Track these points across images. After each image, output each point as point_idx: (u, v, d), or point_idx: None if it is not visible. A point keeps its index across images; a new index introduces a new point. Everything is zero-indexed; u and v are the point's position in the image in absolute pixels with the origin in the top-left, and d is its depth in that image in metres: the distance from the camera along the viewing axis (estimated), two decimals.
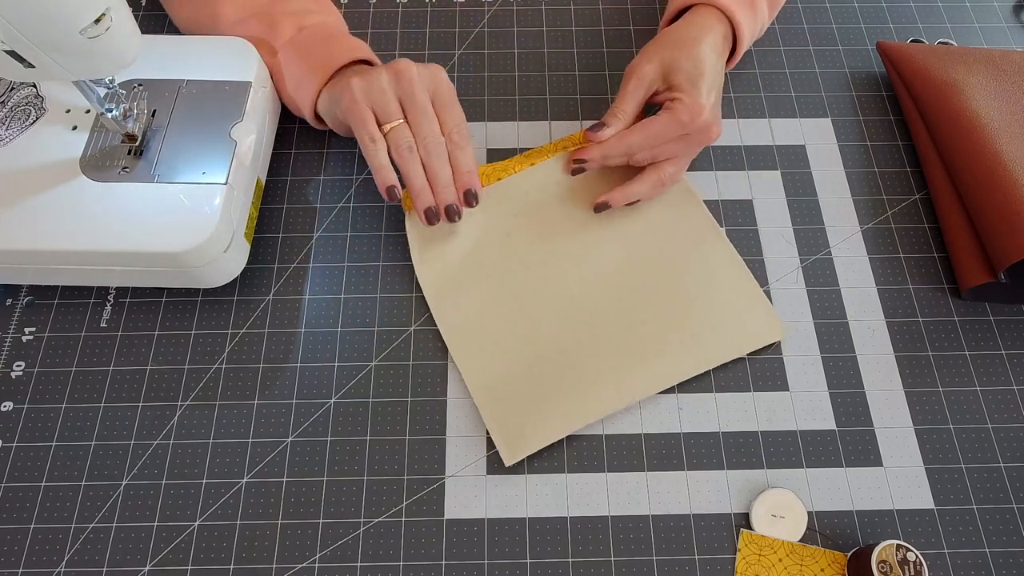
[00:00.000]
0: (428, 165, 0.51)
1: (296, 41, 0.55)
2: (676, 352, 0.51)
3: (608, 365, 0.51)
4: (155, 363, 0.52)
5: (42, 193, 0.48)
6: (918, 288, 0.55)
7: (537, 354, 0.51)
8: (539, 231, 0.56)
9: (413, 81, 0.51)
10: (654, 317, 0.52)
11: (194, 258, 0.48)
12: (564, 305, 0.53)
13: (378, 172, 0.51)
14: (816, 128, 0.62)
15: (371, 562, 0.46)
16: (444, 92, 0.52)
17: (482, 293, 0.53)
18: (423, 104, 0.51)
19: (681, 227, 0.56)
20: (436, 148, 0.51)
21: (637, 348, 0.51)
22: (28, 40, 0.39)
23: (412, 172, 0.51)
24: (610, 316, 0.52)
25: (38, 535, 0.46)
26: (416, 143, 0.51)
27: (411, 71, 0.51)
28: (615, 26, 0.67)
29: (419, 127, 0.51)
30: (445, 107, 0.52)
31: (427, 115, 0.51)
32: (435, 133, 0.51)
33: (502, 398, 0.50)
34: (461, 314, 0.53)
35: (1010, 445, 0.50)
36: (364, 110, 0.51)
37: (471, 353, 0.52)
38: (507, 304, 0.53)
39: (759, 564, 0.46)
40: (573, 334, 0.52)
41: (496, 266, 0.54)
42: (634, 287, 0.54)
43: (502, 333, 0.52)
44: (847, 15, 0.68)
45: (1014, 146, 0.54)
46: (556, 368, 0.51)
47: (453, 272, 0.54)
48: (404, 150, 0.50)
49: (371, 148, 0.50)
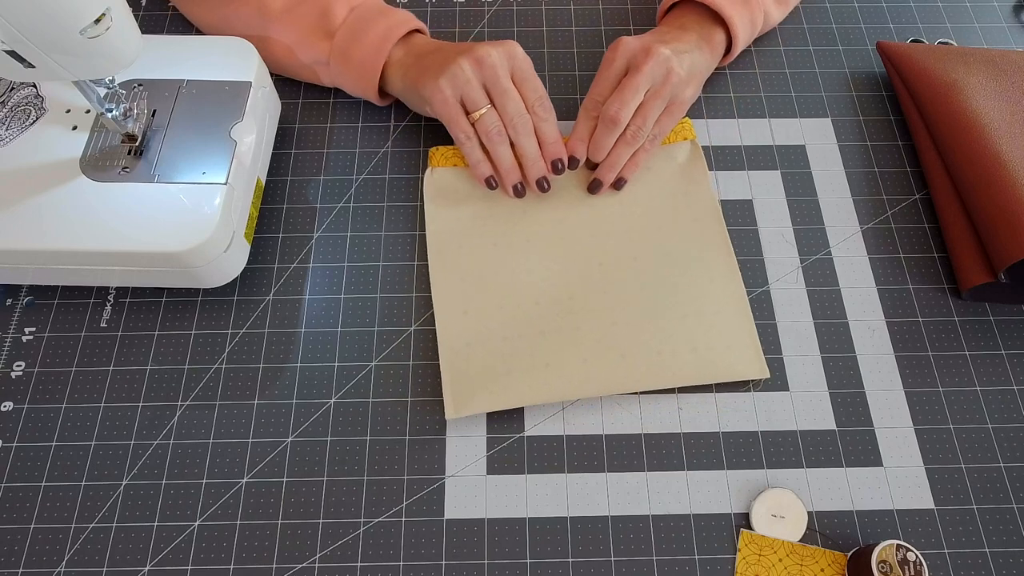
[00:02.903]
0: (516, 143, 0.54)
1: (350, 24, 0.56)
2: (651, 361, 0.51)
3: (581, 356, 0.51)
4: (155, 363, 0.52)
5: (42, 193, 0.48)
6: (918, 288, 0.55)
7: (515, 330, 0.52)
8: (553, 213, 0.56)
9: (496, 67, 0.53)
10: (640, 322, 0.52)
11: (194, 258, 0.48)
12: (556, 289, 0.53)
13: (476, 167, 0.55)
14: (816, 128, 0.62)
15: (371, 562, 0.46)
16: (523, 68, 0.54)
17: (481, 260, 0.54)
18: (507, 87, 0.53)
19: (695, 241, 0.55)
20: (524, 126, 0.54)
21: (614, 347, 0.51)
22: (28, 40, 0.39)
23: (501, 154, 0.55)
24: (597, 310, 0.52)
25: (38, 535, 0.46)
26: (504, 123, 0.54)
27: (492, 57, 0.53)
28: (615, 26, 0.67)
29: (505, 109, 0.54)
30: (526, 82, 0.54)
31: (512, 97, 0.53)
32: (521, 112, 0.54)
33: (466, 357, 0.51)
34: (456, 275, 0.54)
35: (1010, 445, 0.50)
36: (454, 107, 0.54)
37: (453, 315, 0.52)
38: (502, 275, 0.54)
39: (759, 564, 0.46)
40: (556, 319, 0.52)
41: (502, 236, 0.55)
42: (629, 287, 0.53)
43: (489, 303, 0.53)
44: (847, 15, 0.68)
45: (1014, 146, 0.54)
46: (529, 346, 0.51)
47: (459, 234, 0.56)
48: (494, 135, 0.54)
49: (467, 145, 0.55)
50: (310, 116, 0.62)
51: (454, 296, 0.53)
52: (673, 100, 0.56)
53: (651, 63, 0.54)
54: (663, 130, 0.57)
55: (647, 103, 0.55)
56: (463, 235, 0.56)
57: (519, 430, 0.50)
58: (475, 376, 0.50)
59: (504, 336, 0.52)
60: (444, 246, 0.55)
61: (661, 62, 0.54)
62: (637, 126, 0.55)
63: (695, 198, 0.57)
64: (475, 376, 0.50)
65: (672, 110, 0.56)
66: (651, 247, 0.55)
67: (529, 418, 0.50)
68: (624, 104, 0.54)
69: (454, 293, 0.53)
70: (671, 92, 0.55)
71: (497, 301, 0.53)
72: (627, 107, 0.54)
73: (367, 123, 0.62)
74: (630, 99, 0.54)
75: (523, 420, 0.50)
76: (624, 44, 0.56)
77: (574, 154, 0.56)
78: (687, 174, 0.59)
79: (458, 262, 0.54)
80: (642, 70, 0.54)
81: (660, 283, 0.54)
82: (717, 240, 0.56)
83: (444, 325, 0.52)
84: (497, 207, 0.57)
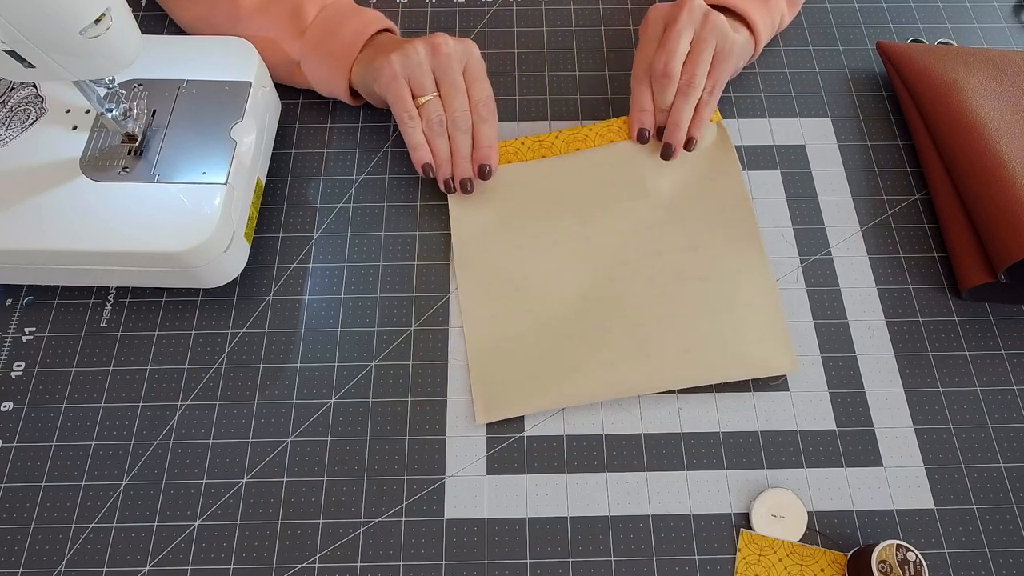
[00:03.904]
0: (453, 138, 0.54)
1: (321, 20, 0.56)
2: (679, 360, 0.51)
3: (609, 359, 0.51)
4: (155, 363, 0.52)
5: (42, 193, 0.48)
6: (918, 288, 0.55)
7: (543, 332, 0.52)
8: (578, 215, 0.56)
9: (450, 56, 0.53)
10: (667, 320, 0.52)
11: (194, 258, 0.48)
12: (582, 290, 0.53)
13: (415, 150, 0.54)
14: (816, 128, 0.62)
15: (371, 562, 0.46)
16: (475, 67, 0.55)
17: (508, 262, 0.54)
18: (456, 79, 0.54)
19: (723, 233, 0.55)
20: (463, 123, 0.54)
21: (641, 348, 0.51)
22: (28, 40, 0.39)
23: (438, 146, 0.54)
24: (624, 310, 0.52)
25: (38, 535, 0.46)
26: (445, 116, 0.54)
27: (448, 46, 0.53)
28: (615, 26, 0.67)
29: (450, 101, 0.54)
30: (475, 81, 0.55)
31: (458, 90, 0.54)
32: (464, 108, 0.54)
33: (494, 361, 0.51)
34: (483, 279, 0.54)
35: (1010, 445, 0.50)
36: (402, 85, 0.53)
37: (480, 318, 0.52)
38: (529, 278, 0.54)
39: (759, 564, 0.46)
40: (583, 320, 0.52)
41: (528, 238, 0.55)
42: (656, 284, 0.53)
43: (516, 306, 0.53)
44: (847, 15, 0.68)
45: (1014, 146, 0.54)
46: (557, 349, 0.51)
47: (484, 237, 0.55)
48: (435, 123, 0.54)
49: (409, 125, 0.54)
50: (310, 116, 0.62)
51: (481, 300, 0.53)
52: (720, 43, 0.55)
53: (685, 11, 0.55)
54: (719, 78, 0.56)
55: (694, 49, 0.55)
56: (488, 238, 0.55)
57: (519, 430, 0.50)
58: (504, 380, 0.50)
59: (532, 340, 0.52)
60: (470, 250, 0.55)
61: (696, 8, 0.55)
62: (690, 74, 0.55)
63: (723, 187, 0.57)
64: (504, 380, 0.50)
65: (722, 55, 0.56)
66: (678, 241, 0.55)
67: (529, 418, 0.50)
68: (671, 55, 0.54)
69: (481, 298, 0.53)
70: (714, 34, 0.55)
71: (524, 305, 0.53)
72: (675, 57, 0.54)
73: (367, 123, 0.62)
74: (675, 49, 0.54)
75: (523, 420, 0.50)
76: (655, 9, 0.57)
77: (642, 125, 0.57)
78: (715, 162, 0.58)
79: (484, 266, 0.54)
80: (679, 18, 0.55)
81: (687, 278, 0.53)
82: (746, 230, 0.55)
83: (472, 329, 0.52)
84: (521, 208, 0.56)
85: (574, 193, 0.57)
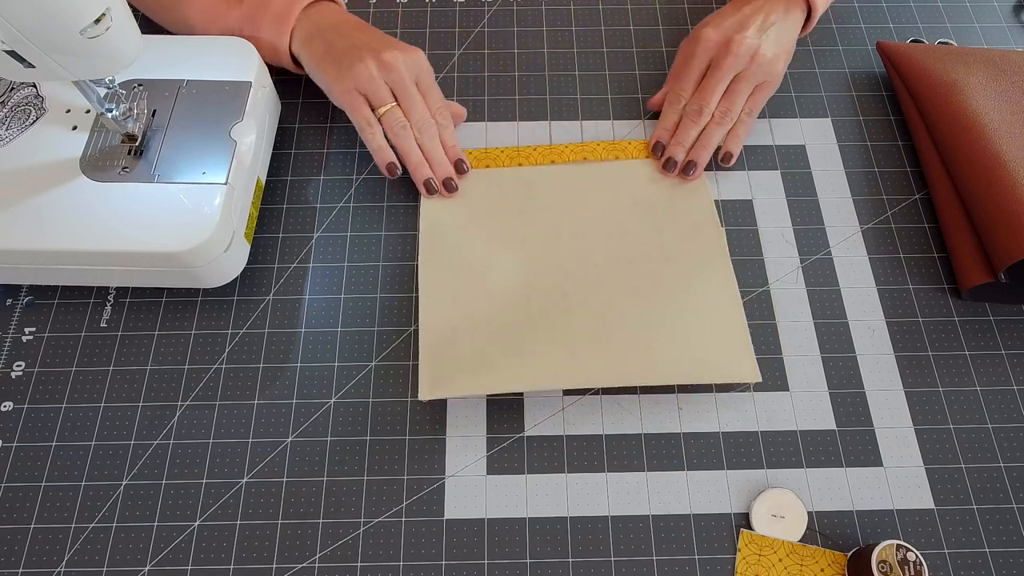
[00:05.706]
0: (423, 145, 0.56)
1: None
2: (640, 355, 0.50)
3: (569, 348, 0.50)
4: (155, 363, 0.52)
5: (42, 193, 0.48)
6: (918, 288, 0.55)
7: (501, 316, 0.52)
8: (551, 217, 0.57)
9: (401, 71, 0.56)
10: (632, 318, 0.52)
11: (194, 258, 0.48)
12: (546, 284, 0.53)
13: (377, 153, 0.56)
14: (816, 128, 0.62)
15: (371, 562, 0.46)
16: (425, 78, 0.58)
17: (474, 252, 0.55)
18: (412, 92, 0.56)
19: (692, 246, 0.55)
20: (429, 129, 0.56)
21: (602, 339, 0.51)
22: (28, 40, 0.39)
23: (409, 148, 0.56)
24: (590, 306, 0.52)
25: (38, 535, 0.46)
26: (410, 125, 0.56)
27: (398, 61, 0.55)
28: (615, 26, 0.67)
29: (412, 112, 0.56)
30: (428, 91, 0.58)
31: (417, 102, 0.56)
32: (427, 115, 0.57)
33: (449, 341, 0.51)
34: (446, 263, 0.54)
35: (1010, 445, 0.50)
36: (357, 97, 0.55)
37: (439, 300, 0.53)
38: (493, 267, 0.54)
39: (759, 564, 0.46)
40: (547, 311, 0.52)
41: (498, 231, 0.56)
42: (624, 288, 0.53)
43: (478, 292, 0.53)
44: (847, 15, 0.68)
45: (1014, 146, 0.54)
46: (516, 335, 0.51)
47: (454, 227, 0.56)
48: (399, 129, 0.56)
49: (368, 131, 0.56)
50: (310, 116, 0.62)
51: (442, 282, 0.53)
52: (763, 78, 0.58)
53: (730, 59, 0.56)
54: (756, 106, 0.58)
55: (733, 87, 0.57)
56: (457, 228, 0.56)
57: (519, 430, 0.50)
58: (456, 360, 0.50)
59: (488, 321, 0.52)
60: (437, 236, 0.55)
61: (743, 54, 0.56)
62: (724, 109, 0.57)
63: (694, 202, 0.57)
64: (456, 360, 0.50)
65: (764, 87, 0.58)
66: (648, 251, 0.55)
67: (529, 418, 0.50)
68: (708, 96, 0.57)
69: (442, 279, 0.53)
70: (758, 74, 0.57)
71: (486, 291, 0.53)
72: (711, 101, 0.57)
73: None
74: (714, 91, 0.56)
75: (523, 420, 0.50)
76: (704, 39, 0.58)
77: (660, 139, 0.58)
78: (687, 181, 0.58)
79: (449, 251, 0.55)
80: (724, 64, 0.56)
81: (655, 286, 0.53)
82: (714, 245, 0.55)
83: (428, 308, 0.52)
84: (494, 207, 0.57)
85: (548, 197, 0.57)
